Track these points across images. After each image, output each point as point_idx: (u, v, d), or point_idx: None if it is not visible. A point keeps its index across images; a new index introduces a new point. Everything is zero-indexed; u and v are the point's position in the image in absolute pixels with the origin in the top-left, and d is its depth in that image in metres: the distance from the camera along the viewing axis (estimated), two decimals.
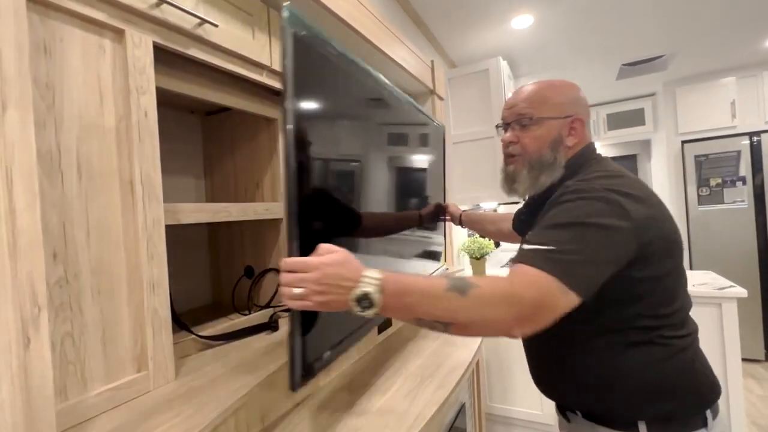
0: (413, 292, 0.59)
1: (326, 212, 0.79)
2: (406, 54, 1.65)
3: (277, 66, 0.98)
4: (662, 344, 0.69)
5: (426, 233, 1.69)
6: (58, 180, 0.55)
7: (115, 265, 0.62)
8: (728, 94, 2.97)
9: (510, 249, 3.93)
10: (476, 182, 2.23)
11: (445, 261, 1.87)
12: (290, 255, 0.60)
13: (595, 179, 0.71)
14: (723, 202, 2.96)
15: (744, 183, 2.90)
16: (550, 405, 1.98)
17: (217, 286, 1.31)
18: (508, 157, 0.86)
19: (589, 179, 0.72)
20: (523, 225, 0.99)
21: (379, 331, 1.28)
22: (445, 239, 1.87)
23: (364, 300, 0.57)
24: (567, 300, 0.60)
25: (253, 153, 1.18)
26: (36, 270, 0.41)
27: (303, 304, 0.57)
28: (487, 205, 2.61)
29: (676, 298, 0.72)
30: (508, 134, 0.85)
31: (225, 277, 1.28)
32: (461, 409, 1.36)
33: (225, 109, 1.21)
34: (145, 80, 0.67)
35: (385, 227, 1.24)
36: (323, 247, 0.61)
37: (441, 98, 2.09)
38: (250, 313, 1.05)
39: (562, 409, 0.82)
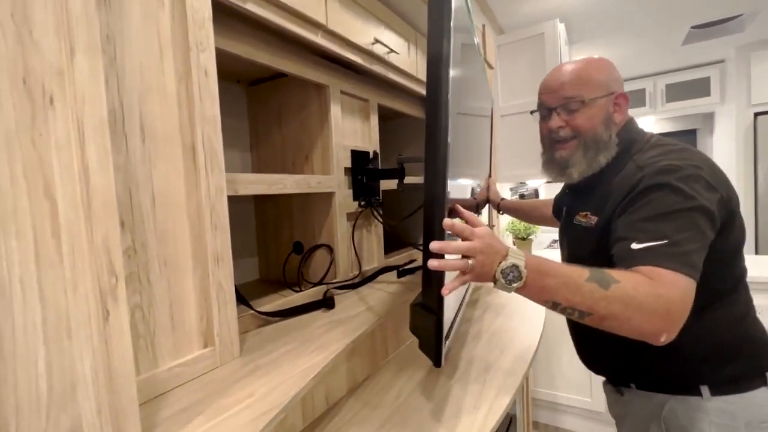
0: (555, 275, 0.59)
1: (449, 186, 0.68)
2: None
3: (332, 26, 0.90)
4: (728, 308, 0.71)
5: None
6: (123, 143, 0.51)
7: (179, 236, 0.58)
8: None
9: (552, 231, 3.76)
10: (524, 159, 2.10)
11: None
12: (433, 237, 0.58)
13: (668, 154, 0.70)
14: None
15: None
16: (600, 393, 1.89)
17: (264, 262, 1.29)
18: (557, 143, 0.82)
19: (662, 156, 0.71)
20: (566, 208, 0.92)
21: None
22: (489, 219, 1.77)
23: (513, 272, 0.58)
24: (694, 290, 0.60)
25: (302, 123, 1.13)
26: (111, 235, 0.37)
27: (463, 278, 0.58)
28: (534, 183, 2.46)
29: (740, 264, 0.75)
30: (555, 119, 0.81)
31: (273, 253, 1.25)
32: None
33: (272, 78, 1.16)
34: (204, 35, 0.61)
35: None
36: (473, 216, 0.63)
37: (491, 66, 1.95)
38: (301, 290, 1.02)
39: (615, 384, 0.83)
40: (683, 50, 2.87)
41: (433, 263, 0.55)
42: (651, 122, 3.72)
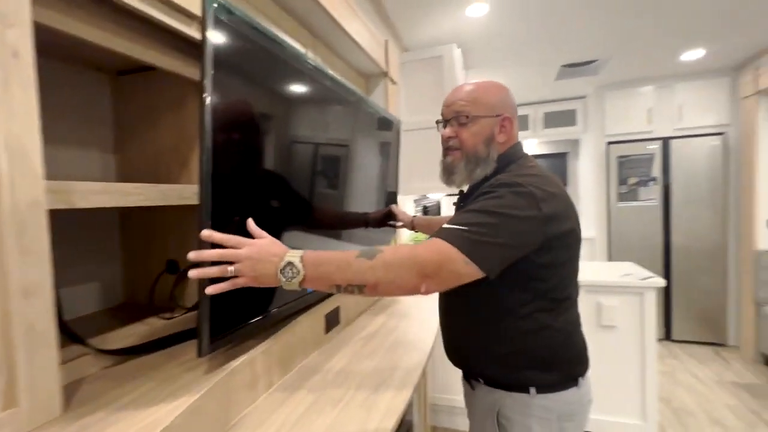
0: (329, 262, 0.68)
1: (245, 200, 0.76)
2: (360, 27, 1.52)
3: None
4: (556, 324, 0.82)
5: (374, 230, 1.60)
6: None
7: None
8: (646, 102, 3.27)
9: None
10: (426, 172, 2.19)
11: None
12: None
13: (521, 176, 0.80)
14: (637, 200, 3.29)
15: (655, 183, 3.24)
16: None
17: (129, 283, 1.10)
18: (447, 150, 0.92)
19: (516, 175, 0.81)
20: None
21: (327, 329, 1.17)
22: (395, 231, 1.80)
23: (289, 269, 0.65)
24: (469, 270, 0.69)
25: (180, 125, 0.99)
26: None
27: (234, 282, 0.64)
28: (435, 196, 2.60)
29: (569, 285, 0.85)
30: (447, 129, 0.91)
31: (141, 273, 1.07)
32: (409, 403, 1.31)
33: (143, 69, 1.00)
34: (13, 7, 0.48)
35: (323, 222, 1.14)
36: (253, 228, 0.70)
37: (394, 82, 1.99)
38: (173, 317, 0.88)
39: (468, 378, 0.95)
40: (557, 84, 3.35)
41: (192, 273, 0.62)
42: (533, 144, 4.25)
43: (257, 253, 0.65)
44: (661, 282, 1.77)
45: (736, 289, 3.07)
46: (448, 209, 4.36)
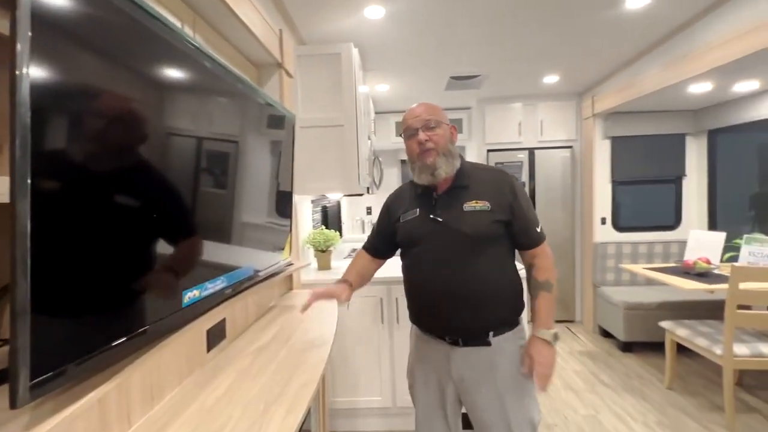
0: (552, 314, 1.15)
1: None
2: (252, 13, 1.39)
3: None
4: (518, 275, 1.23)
5: (273, 221, 1.48)
6: None
7: None
8: (517, 116, 3.77)
9: (352, 240, 4.03)
10: (324, 172, 2.13)
11: (290, 254, 1.70)
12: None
13: (500, 169, 1.26)
14: None
15: (525, 185, 3.75)
16: (388, 389, 2.08)
17: None
18: (425, 152, 1.14)
19: (498, 169, 1.25)
20: (434, 207, 1.18)
21: (210, 347, 1.03)
22: (291, 232, 1.70)
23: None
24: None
25: None
26: None
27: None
28: (334, 197, 2.55)
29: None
30: (421, 135, 1.14)
31: None
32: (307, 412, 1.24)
33: None
34: None
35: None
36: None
37: (290, 75, 1.88)
38: None
39: (482, 340, 1.14)
40: (446, 94, 3.62)
41: None
42: None
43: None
44: None
45: (581, 274, 3.74)
46: (349, 209, 4.36)
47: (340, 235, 3.88)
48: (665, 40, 2.48)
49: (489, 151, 3.78)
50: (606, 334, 3.34)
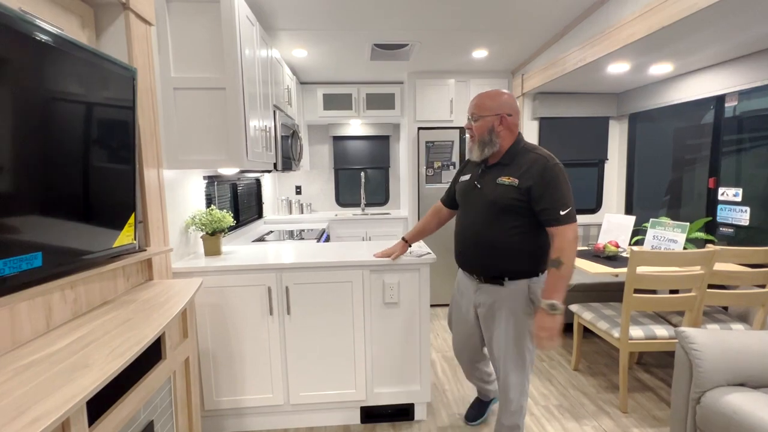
0: (563, 288, 1.40)
1: None
2: None
3: None
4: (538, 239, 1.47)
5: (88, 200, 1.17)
6: None
7: None
8: (449, 93, 3.61)
9: (275, 221, 3.73)
10: (209, 142, 1.83)
11: (145, 239, 1.42)
12: None
13: (547, 154, 1.45)
14: (441, 182, 3.64)
15: (455, 167, 3.64)
16: (279, 386, 1.89)
17: None
18: (470, 139, 1.55)
19: (544, 154, 1.44)
20: (480, 176, 1.55)
21: None
22: (136, 209, 1.41)
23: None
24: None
25: None
26: None
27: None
28: (227, 171, 2.23)
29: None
30: (468, 124, 1.54)
31: None
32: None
33: None
34: None
35: None
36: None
37: (146, 21, 1.54)
38: None
39: (498, 278, 1.50)
40: (374, 66, 3.37)
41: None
42: (358, 125, 4.27)
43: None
44: (432, 259, 1.90)
45: None
46: (274, 188, 3.92)
47: (259, 215, 3.58)
48: (586, 15, 2.39)
49: (420, 129, 3.60)
50: None
